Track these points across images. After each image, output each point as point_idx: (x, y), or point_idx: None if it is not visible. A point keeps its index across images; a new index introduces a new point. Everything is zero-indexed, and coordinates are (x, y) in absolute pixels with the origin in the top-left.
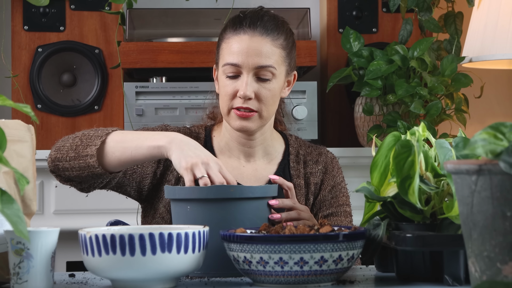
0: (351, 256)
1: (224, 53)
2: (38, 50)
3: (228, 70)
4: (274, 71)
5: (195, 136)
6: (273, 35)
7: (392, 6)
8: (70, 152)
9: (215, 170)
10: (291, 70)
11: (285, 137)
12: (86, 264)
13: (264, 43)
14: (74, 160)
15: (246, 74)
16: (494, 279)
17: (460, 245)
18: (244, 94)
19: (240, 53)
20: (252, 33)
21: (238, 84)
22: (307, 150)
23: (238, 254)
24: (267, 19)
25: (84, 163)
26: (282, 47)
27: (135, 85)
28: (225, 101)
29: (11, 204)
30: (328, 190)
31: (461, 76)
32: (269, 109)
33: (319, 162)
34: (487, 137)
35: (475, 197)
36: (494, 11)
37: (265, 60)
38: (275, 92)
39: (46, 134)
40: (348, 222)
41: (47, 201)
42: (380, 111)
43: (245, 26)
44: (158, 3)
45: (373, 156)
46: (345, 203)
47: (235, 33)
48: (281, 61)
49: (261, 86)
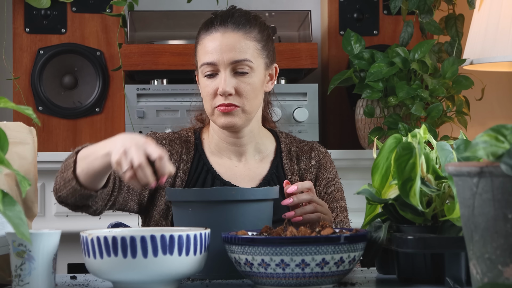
0: (353, 258)
1: (199, 54)
2: (40, 52)
3: (205, 70)
4: (251, 64)
5: (185, 139)
6: (245, 29)
7: (393, 8)
8: (60, 181)
9: (136, 153)
10: (270, 62)
11: (275, 134)
12: (87, 266)
13: (236, 38)
14: (65, 188)
15: (223, 71)
16: (495, 281)
17: (462, 247)
18: (223, 90)
19: (214, 51)
20: (224, 29)
21: (217, 82)
22: (298, 146)
23: (240, 256)
24: (238, 15)
25: (71, 187)
26: (257, 40)
27: (136, 87)
28: (207, 101)
29: (13, 206)
30: (323, 186)
31: (462, 78)
32: (251, 103)
33: (312, 158)
34: (488, 139)
35: (477, 199)
36: (495, 13)
37: (240, 54)
38: (255, 85)
39: (48, 136)
40: (344, 217)
41: (48, 203)
42: (381, 113)
43: (216, 25)
44: (159, 5)
45: (374, 158)
46: (340, 198)
47: (207, 33)
48: (257, 54)
49: (240, 80)
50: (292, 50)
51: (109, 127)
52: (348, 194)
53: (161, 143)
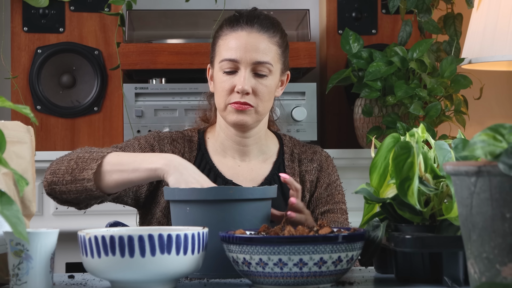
0: (351, 258)
1: (221, 49)
2: (38, 51)
3: (225, 66)
4: (271, 68)
5: (188, 139)
6: (269, 32)
7: (392, 7)
8: (66, 176)
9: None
10: (285, 69)
11: (279, 136)
12: (85, 265)
13: (261, 40)
14: (71, 184)
15: (244, 69)
16: (493, 281)
17: (459, 247)
18: (242, 89)
19: (238, 48)
20: (250, 29)
21: (236, 79)
22: (301, 149)
23: (238, 256)
24: (263, 17)
25: (82, 186)
26: (278, 45)
27: (134, 87)
28: (222, 96)
29: (10, 205)
30: (324, 187)
31: (460, 77)
32: (265, 105)
33: (314, 160)
34: (486, 139)
35: (474, 199)
36: (493, 12)
37: (263, 56)
38: (271, 88)
39: (46, 136)
40: (344, 220)
41: (46, 202)
42: (379, 113)
43: (243, 23)
44: (157, 4)
45: (373, 158)
46: (341, 201)
47: (233, 29)
48: (277, 58)
49: (258, 82)
50: (291, 49)
51: (107, 126)
52: (346, 193)
53: (163, 142)
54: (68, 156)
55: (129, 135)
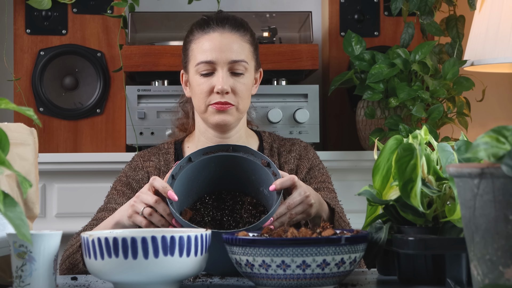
0: (353, 260)
1: (195, 53)
2: (40, 53)
3: (202, 68)
4: (246, 66)
5: (164, 152)
6: (240, 31)
7: (394, 9)
8: (74, 262)
9: (145, 196)
10: (257, 66)
11: (259, 133)
12: (88, 267)
13: (234, 39)
14: (80, 264)
15: (221, 70)
16: (496, 283)
17: (462, 249)
18: (222, 88)
19: (213, 50)
20: (222, 30)
21: (214, 80)
22: (280, 142)
23: (241, 257)
24: (232, 18)
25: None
26: (250, 43)
27: (137, 89)
28: (201, 98)
29: (14, 207)
30: (305, 172)
31: (462, 79)
32: (244, 103)
33: (292, 151)
34: (489, 141)
35: (477, 201)
36: (495, 14)
37: (238, 55)
38: (248, 86)
39: (49, 137)
40: (333, 198)
41: (49, 204)
42: (382, 115)
43: (214, 25)
44: (160, 7)
45: (375, 160)
46: (327, 181)
47: (204, 32)
48: (250, 56)
49: (236, 80)
50: (293, 51)
51: (110, 128)
52: (349, 195)
53: (135, 170)
54: (64, 255)
55: (131, 137)
